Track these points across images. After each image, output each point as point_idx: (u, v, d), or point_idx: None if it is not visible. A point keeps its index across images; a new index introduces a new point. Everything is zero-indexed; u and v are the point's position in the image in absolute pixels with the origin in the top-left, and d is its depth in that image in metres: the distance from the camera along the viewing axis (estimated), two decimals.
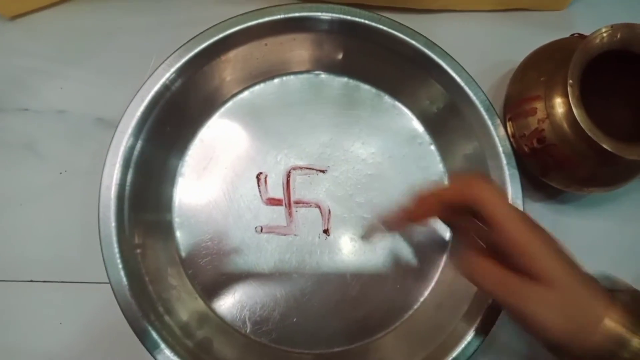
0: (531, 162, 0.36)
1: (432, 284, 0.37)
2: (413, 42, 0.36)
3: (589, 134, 0.31)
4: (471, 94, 0.36)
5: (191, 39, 0.35)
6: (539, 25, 0.42)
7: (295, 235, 0.38)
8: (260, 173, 0.38)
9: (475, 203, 0.27)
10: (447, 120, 0.38)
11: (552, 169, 0.36)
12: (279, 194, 0.38)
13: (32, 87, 0.39)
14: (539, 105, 0.35)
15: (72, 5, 0.40)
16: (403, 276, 0.37)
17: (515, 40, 0.41)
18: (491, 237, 0.27)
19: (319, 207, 0.38)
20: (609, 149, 0.31)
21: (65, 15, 0.40)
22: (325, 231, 0.38)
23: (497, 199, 0.27)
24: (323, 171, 0.39)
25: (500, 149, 0.36)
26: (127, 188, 0.34)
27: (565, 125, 0.33)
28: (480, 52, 0.41)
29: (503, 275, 0.26)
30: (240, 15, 0.36)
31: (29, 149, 0.38)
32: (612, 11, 0.42)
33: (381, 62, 0.38)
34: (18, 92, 0.39)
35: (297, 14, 0.36)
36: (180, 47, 0.35)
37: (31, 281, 0.37)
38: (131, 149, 0.34)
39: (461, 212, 0.29)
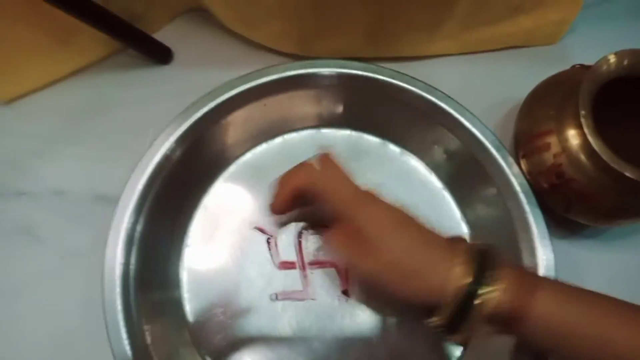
0: (552, 198, 0.35)
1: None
2: (413, 88, 0.36)
3: (611, 164, 0.29)
4: (479, 134, 0.35)
5: (188, 107, 0.35)
6: (535, 60, 0.42)
7: (312, 299, 0.35)
8: (271, 237, 0.36)
9: (308, 188, 0.31)
10: (458, 164, 0.37)
11: (575, 204, 0.34)
12: (291, 256, 0.36)
13: (30, 169, 0.38)
14: (552, 140, 0.33)
15: (67, 84, 0.40)
16: (435, 335, 0.35)
17: (514, 77, 0.41)
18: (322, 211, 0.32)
19: (335, 266, 0.36)
20: (633, 177, 0.29)
21: (61, 95, 0.40)
22: (345, 292, 0.35)
23: (321, 176, 0.32)
24: None
25: (518, 188, 0.34)
26: (132, 267, 0.32)
27: (582, 157, 0.32)
28: (480, 92, 0.40)
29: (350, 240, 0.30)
30: (237, 78, 0.36)
31: (27, 233, 0.37)
32: (605, 40, 0.42)
33: (383, 111, 0.38)
34: (14, 176, 0.38)
35: (294, 72, 0.36)
36: (177, 116, 0.35)
37: None
38: (134, 225, 0.32)
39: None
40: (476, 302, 0.26)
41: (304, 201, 0.33)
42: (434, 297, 0.27)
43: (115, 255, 0.31)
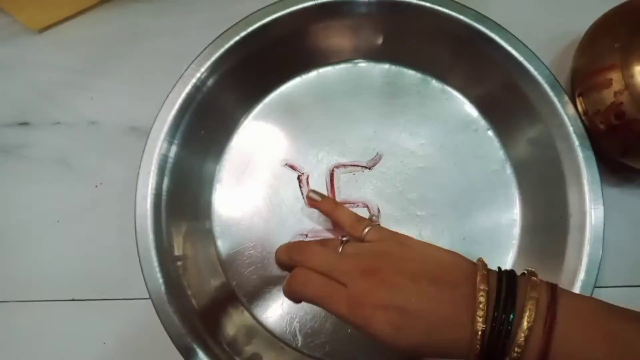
0: (608, 141, 0.32)
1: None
2: (462, 17, 0.33)
3: None
4: (532, 70, 0.32)
5: (218, 36, 0.33)
6: None
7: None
8: (302, 174, 0.35)
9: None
10: (505, 101, 0.34)
11: (634, 147, 0.31)
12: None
13: (62, 100, 0.38)
14: (615, 76, 0.30)
15: (96, 12, 0.39)
16: None
17: (575, 8, 0.37)
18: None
19: (367, 206, 0.35)
20: None
21: (91, 24, 0.39)
22: None
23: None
24: (369, 167, 0.36)
25: (571, 129, 0.32)
26: (164, 197, 0.32)
27: None
28: (536, 24, 0.36)
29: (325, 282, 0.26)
30: (269, 5, 0.33)
31: (62, 163, 0.37)
32: None
33: (426, 43, 0.35)
34: (48, 106, 0.38)
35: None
36: (208, 46, 0.33)
37: (72, 300, 0.35)
38: (165, 156, 0.32)
39: None
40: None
41: None
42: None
43: (147, 184, 0.31)
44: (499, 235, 0.34)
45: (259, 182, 0.36)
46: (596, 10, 0.34)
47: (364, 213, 0.35)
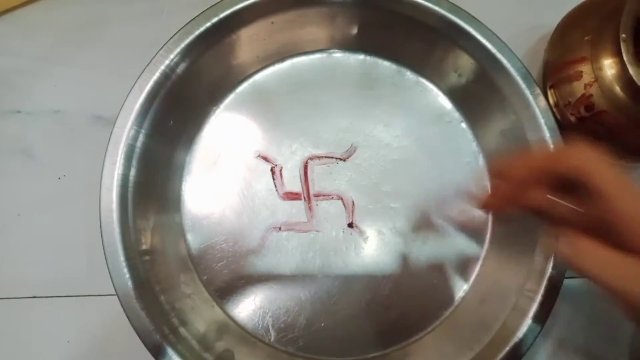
0: (578, 133, 0.32)
1: (473, 277, 0.34)
2: (436, 8, 0.32)
3: None
4: (505, 62, 0.32)
5: (189, 22, 0.32)
6: None
7: (317, 231, 0.34)
8: (275, 166, 0.35)
9: (578, 173, 0.23)
10: (478, 93, 0.34)
11: (603, 139, 0.32)
12: (296, 187, 0.35)
13: (24, 88, 0.36)
14: (585, 68, 0.31)
15: None
16: (439, 270, 0.34)
17: (546, 1, 0.37)
18: (594, 214, 0.23)
19: (341, 198, 0.35)
20: None
21: (54, 8, 0.37)
22: (350, 225, 0.34)
23: (606, 168, 0.23)
24: (344, 159, 0.35)
25: (542, 121, 0.32)
26: (130, 189, 0.30)
27: (617, 88, 0.29)
28: (509, 16, 0.37)
29: (612, 257, 0.22)
30: None
31: (23, 154, 0.35)
32: None
33: (401, 34, 0.35)
34: (8, 94, 0.36)
35: None
36: (178, 32, 0.32)
37: (34, 297, 0.34)
38: (132, 146, 0.31)
39: (552, 187, 0.25)
40: None
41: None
42: None
43: (113, 175, 0.30)
44: (471, 227, 0.34)
45: (231, 173, 0.35)
46: (567, 4, 0.34)
47: (338, 206, 0.35)
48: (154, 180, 0.32)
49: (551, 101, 0.33)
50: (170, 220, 0.33)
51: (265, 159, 0.35)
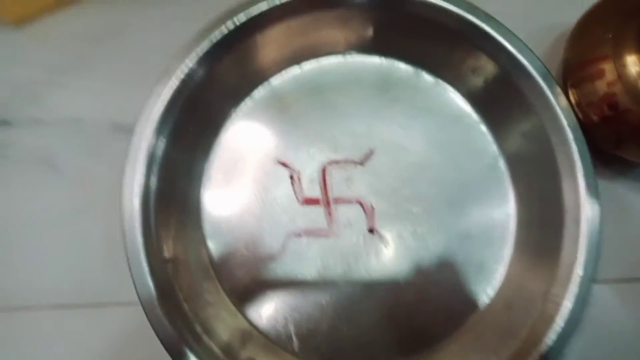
0: (601, 133, 0.32)
1: (497, 282, 0.33)
2: (454, 8, 0.32)
3: None
4: (525, 62, 0.32)
5: (206, 28, 0.32)
6: None
7: (337, 237, 0.34)
8: (294, 172, 0.35)
9: None
10: (497, 94, 0.34)
11: (628, 138, 0.31)
12: (315, 192, 0.35)
13: (44, 98, 0.37)
14: (607, 66, 0.30)
15: (79, 6, 0.38)
16: (464, 275, 0.33)
17: None
18: None
19: (360, 203, 0.34)
20: None
21: (73, 19, 0.38)
22: (371, 230, 0.34)
23: None
24: (361, 163, 0.35)
25: (565, 122, 0.31)
26: (152, 197, 0.31)
27: None
28: (525, 15, 0.36)
29: None
30: None
31: (45, 163, 0.36)
32: None
33: (417, 36, 0.34)
34: (29, 104, 0.36)
35: None
36: (195, 38, 0.32)
37: (58, 306, 0.34)
38: (152, 154, 0.31)
39: None
40: None
41: None
42: None
43: (134, 183, 0.30)
44: (494, 231, 0.34)
45: (249, 179, 0.35)
46: (586, 0, 0.34)
47: (358, 211, 0.34)
48: (174, 188, 0.32)
49: (572, 100, 0.32)
50: (191, 228, 0.33)
51: (285, 164, 0.35)
